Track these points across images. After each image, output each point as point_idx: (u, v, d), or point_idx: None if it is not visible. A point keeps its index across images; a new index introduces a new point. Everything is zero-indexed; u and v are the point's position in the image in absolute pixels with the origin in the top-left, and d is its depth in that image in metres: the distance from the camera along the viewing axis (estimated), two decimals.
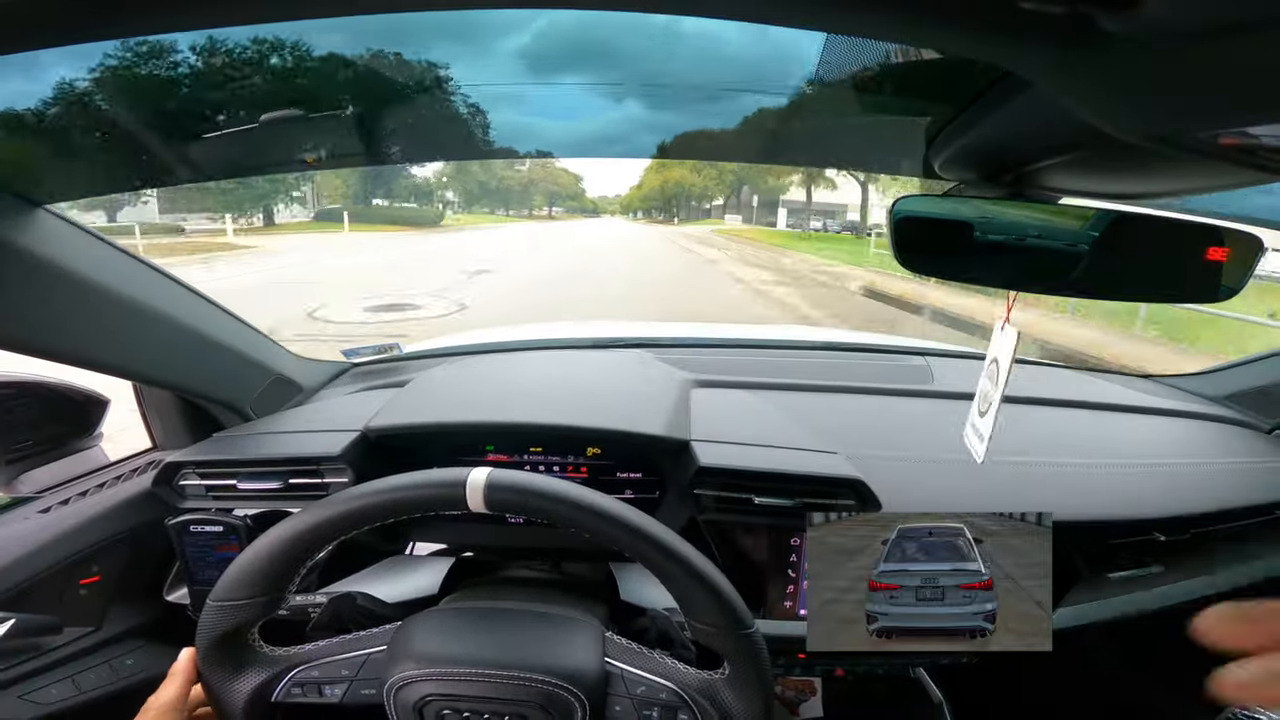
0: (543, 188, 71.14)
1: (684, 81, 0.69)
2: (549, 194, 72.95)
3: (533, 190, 70.88)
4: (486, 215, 59.77)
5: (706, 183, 48.93)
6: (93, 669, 0.90)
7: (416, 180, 52.19)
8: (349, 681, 0.60)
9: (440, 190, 58.18)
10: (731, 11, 0.38)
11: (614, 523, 0.55)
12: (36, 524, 0.87)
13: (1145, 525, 0.94)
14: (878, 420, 1.13)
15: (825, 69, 0.58)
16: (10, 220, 0.61)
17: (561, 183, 73.19)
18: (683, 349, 1.39)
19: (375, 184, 42.32)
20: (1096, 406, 1.22)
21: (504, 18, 0.61)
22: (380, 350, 1.33)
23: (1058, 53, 0.32)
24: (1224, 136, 0.34)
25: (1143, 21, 0.26)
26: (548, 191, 72.50)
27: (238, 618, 0.57)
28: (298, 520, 0.56)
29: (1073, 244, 0.55)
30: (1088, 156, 0.49)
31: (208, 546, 0.89)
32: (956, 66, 0.48)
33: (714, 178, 46.97)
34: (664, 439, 0.93)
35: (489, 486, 0.55)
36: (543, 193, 71.98)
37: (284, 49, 0.58)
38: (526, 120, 0.77)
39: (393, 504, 0.56)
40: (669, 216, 59.82)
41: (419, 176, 52.41)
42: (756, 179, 38.58)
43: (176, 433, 1.06)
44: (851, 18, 0.34)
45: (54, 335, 0.70)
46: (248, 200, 25.03)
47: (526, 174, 67.30)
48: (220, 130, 0.65)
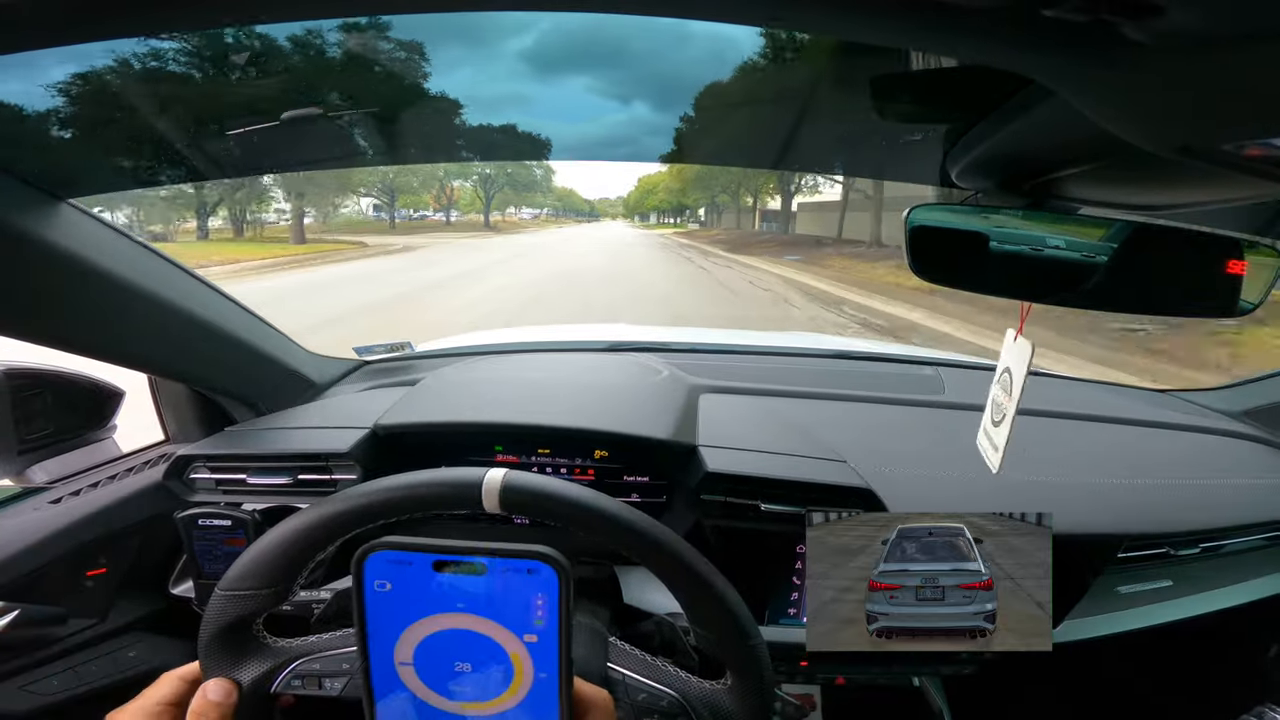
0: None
1: (694, 84, 0.69)
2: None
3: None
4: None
5: (687, 189, 43.64)
6: (95, 660, 0.91)
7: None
8: (349, 675, 0.60)
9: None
10: (748, 17, 0.38)
11: (624, 527, 0.55)
12: (47, 514, 0.88)
13: (1157, 540, 0.93)
14: (887, 430, 1.12)
15: (841, 75, 0.58)
16: (31, 213, 0.62)
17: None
18: (692, 354, 1.39)
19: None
20: (1110, 420, 1.21)
21: (512, 19, 0.61)
22: (392, 348, 1.34)
23: (1080, 62, 0.32)
24: (1250, 148, 0.34)
25: (1167, 30, 0.26)
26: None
27: (245, 608, 0.57)
28: (312, 513, 0.56)
29: (1090, 255, 0.55)
30: (1108, 167, 0.49)
31: (216, 540, 0.90)
32: (976, 74, 0.48)
33: (695, 186, 42.77)
34: (672, 443, 0.92)
35: (505, 488, 0.55)
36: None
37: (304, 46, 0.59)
38: (533, 122, 0.77)
39: (408, 500, 0.56)
40: (644, 219, 57.08)
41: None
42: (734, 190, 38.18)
43: (189, 426, 1.07)
44: (870, 25, 0.34)
45: (70, 326, 0.71)
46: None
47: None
48: (242, 127, 0.66)
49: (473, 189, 49.33)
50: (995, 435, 0.69)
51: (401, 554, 0.47)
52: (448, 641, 0.48)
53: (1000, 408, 0.68)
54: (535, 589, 0.47)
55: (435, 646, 0.49)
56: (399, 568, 0.48)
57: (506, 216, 51.12)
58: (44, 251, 0.63)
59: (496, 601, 0.48)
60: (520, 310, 8.46)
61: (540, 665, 0.48)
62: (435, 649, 0.49)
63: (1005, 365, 0.68)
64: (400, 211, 44.46)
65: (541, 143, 0.80)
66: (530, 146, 0.80)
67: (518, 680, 0.48)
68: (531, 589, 0.47)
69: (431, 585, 0.48)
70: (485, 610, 0.48)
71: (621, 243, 28.54)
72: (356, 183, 30.86)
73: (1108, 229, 0.56)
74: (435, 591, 0.48)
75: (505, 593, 0.48)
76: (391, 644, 0.48)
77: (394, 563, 0.47)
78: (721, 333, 2.09)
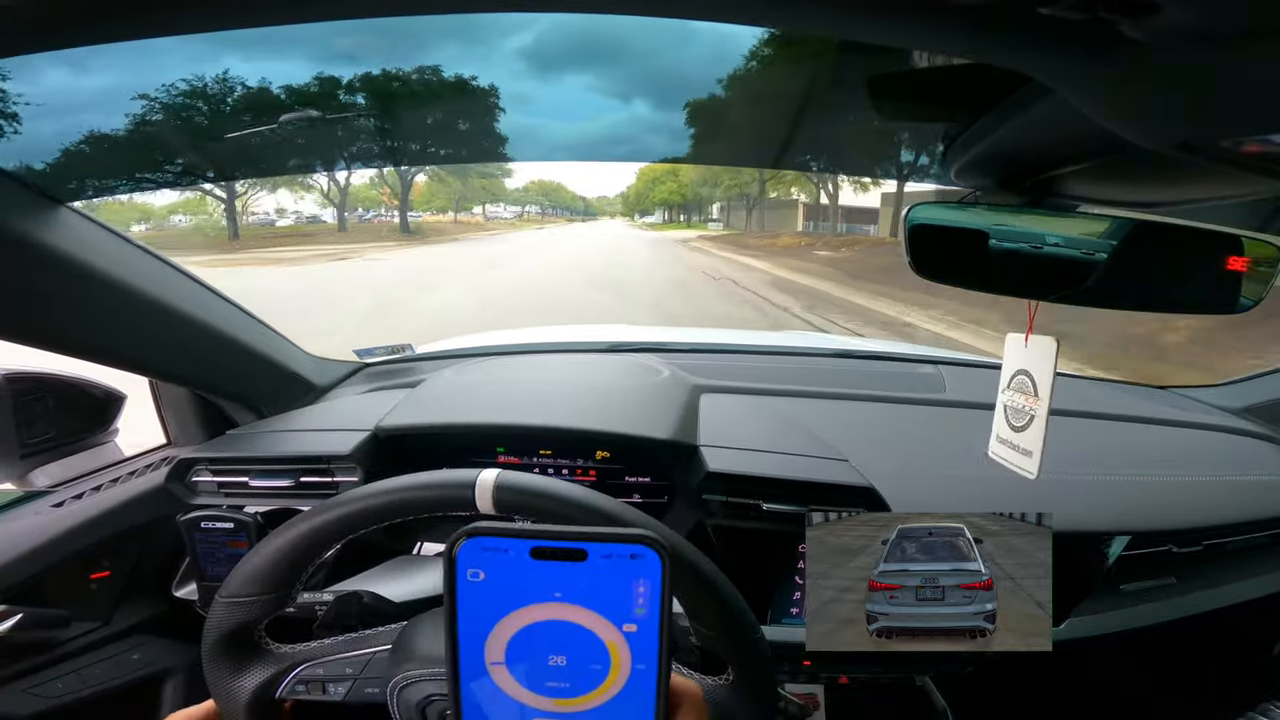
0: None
1: (695, 82, 0.68)
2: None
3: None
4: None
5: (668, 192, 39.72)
6: (98, 663, 0.91)
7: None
8: (353, 680, 0.60)
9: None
10: (749, 17, 0.38)
11: (620, 525, 0.55)
12: (50, 518, 0.88)
13: (1160, 537, 0.93)
14: (888, 429, 1.12)
15: (841, 73, 0.58)
16: (32, 216, 0.62)
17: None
18: (693, 354, 1.39)
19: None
20: (1111, 418, 1.21)
21: (511, 17, 0.61)
22: (393, 350, 1.34)
23: (1078, 59, 0.32)
24: (1247, 144, 0.34)
25: (1163, 28, 0.26)
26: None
27: (246, 615, 0.57)
28: (308, 518, 0.56)
29: (1090, 252, 0.55)
30: (1107, 164, 0.49)
31: (218, 543, 0.90)
32: (975, 72, 0.48)
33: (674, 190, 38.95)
34: (673, 443, 0.92)
35: (498, 488, 0.55)
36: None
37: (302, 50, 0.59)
38: (532, 122, 0.77)
39: (403, 503, 0.56)
40: (644, 215, 51.19)
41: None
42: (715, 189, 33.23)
43: (190, 429, 1.07)
44: (869, 24, 0.34)
45: (71, 330, 0.71)
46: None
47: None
48: (241, 130, 0.66)
49: (430, 182, 36.55)
50: (1023, 440, 0.67)
51: (498, 540, 0.45)
52: (543, 634, 0.46)
53: (1023, 411, 0.66)
54: (637, 575, 0.45)
55: (529, 640, 0.46)
56: (495, 555, 0.45)
57: (465, 217, 39.27)
58: (44, 255, 0.63)
59: (597, 589, 0.45)
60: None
61: (638, 656, 0.46)
62: (529, 642, 0.46)
63: (1018, 367, 0.66)
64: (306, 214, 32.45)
65: (541, 142, 0.80)
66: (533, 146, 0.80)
67: (614, 673, 0.46)
68: (633, 575, 0.45)
69: (529, 573, 0.45)
70: (584, 599, 0.45)
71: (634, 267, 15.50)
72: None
73: (1107, 226, 0.56)
74: (533, 580, 0.45)
75: (606, 580, 0.45)
76: (483, 639, 0.46)
77: (489, 550, 0.45)
78: (722, 332, 2.09)
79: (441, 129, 0.79)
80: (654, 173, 41.24)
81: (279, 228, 27.72)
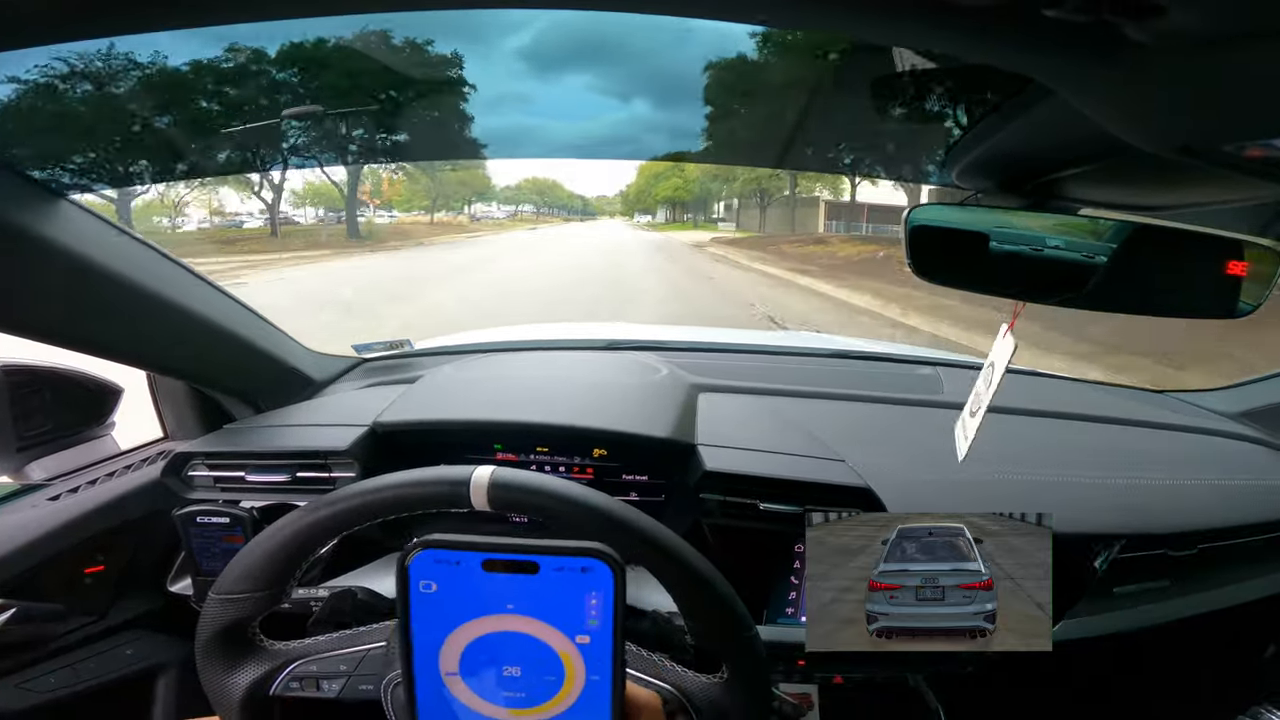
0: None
1: (695, 81, 0.68)
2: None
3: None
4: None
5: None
6: (93, 658, 0.91)
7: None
8: (347, 677, 0.60)
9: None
10: (747, 15, 0.37)
11: (615, 522, 0.54)
12: (45, 511, 0.87)
13: (1155, 540, 0.93)
14: (886, 429, 1.12)
15: (843, 74, 0.58)
16: (30, 208, 0.62)
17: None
18: (691, 353, 1.39)
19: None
20: (1109, 421, 1.21)
21: (511, 16, 0.61)
22: (391, 346, 1.34)
23: (1081, 61, 0.32)
24: (1250, 148, 0.34)
25: (1167, 31, 0.26)
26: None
27: (240, 611, 0.57)
28: (302, 515, 0.56)
29: (1090, 255, 0.55)
30: (1109, 167, 0.49)
31: (214, 538, 0.90)
32: (977, 74, 0.48)
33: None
34: (670, 442, 0.92)
35: (492, 485, 0.54)
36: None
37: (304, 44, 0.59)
38: (532, 121, 0.76)
39: (398, 500, 0.55)
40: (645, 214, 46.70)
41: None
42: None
43: (187, 423, 1.07)
44: (871, 23, 0.34)
45: (69, 322, 0.71)
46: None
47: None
48: (244, 124, 0.65)
49: (402, 179, 29.57)
50: (970, 423, 0.69)
51: (450, 553, 0.45)
52: (496, 645, 0.47)
53: (979, 398, 0.68)
54: (589, 588, 0.45)
55: (483, 651, 0.47)
56: (446, 567, 0.46)
57: (446, 217, 34.30)
58: (43, 247, 0.63)
59: (548, 601, 0.46)
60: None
61: (592, 667, 0.47)
62: (483, 653, 0.47)
63: (992, 359, 0.68)
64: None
65: (541, 141, 0.80)
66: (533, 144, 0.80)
67: (568, 683, 0.47)
68: (585, 588, 0.45)
69: (481, 585, 0.46)
70: (536, 611, 0.46)
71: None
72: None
73: (1108, 229, 0.56)
74: (485, 592, 0.46)
75: (558, 592, 0.46)
76: (437, 648, 0.46)
77: (441, 562, 0.46)
78: (721, 331, 2.09)
79: (438, 127, 0.79)
80: (656, 169, 35.22)
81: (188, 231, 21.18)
